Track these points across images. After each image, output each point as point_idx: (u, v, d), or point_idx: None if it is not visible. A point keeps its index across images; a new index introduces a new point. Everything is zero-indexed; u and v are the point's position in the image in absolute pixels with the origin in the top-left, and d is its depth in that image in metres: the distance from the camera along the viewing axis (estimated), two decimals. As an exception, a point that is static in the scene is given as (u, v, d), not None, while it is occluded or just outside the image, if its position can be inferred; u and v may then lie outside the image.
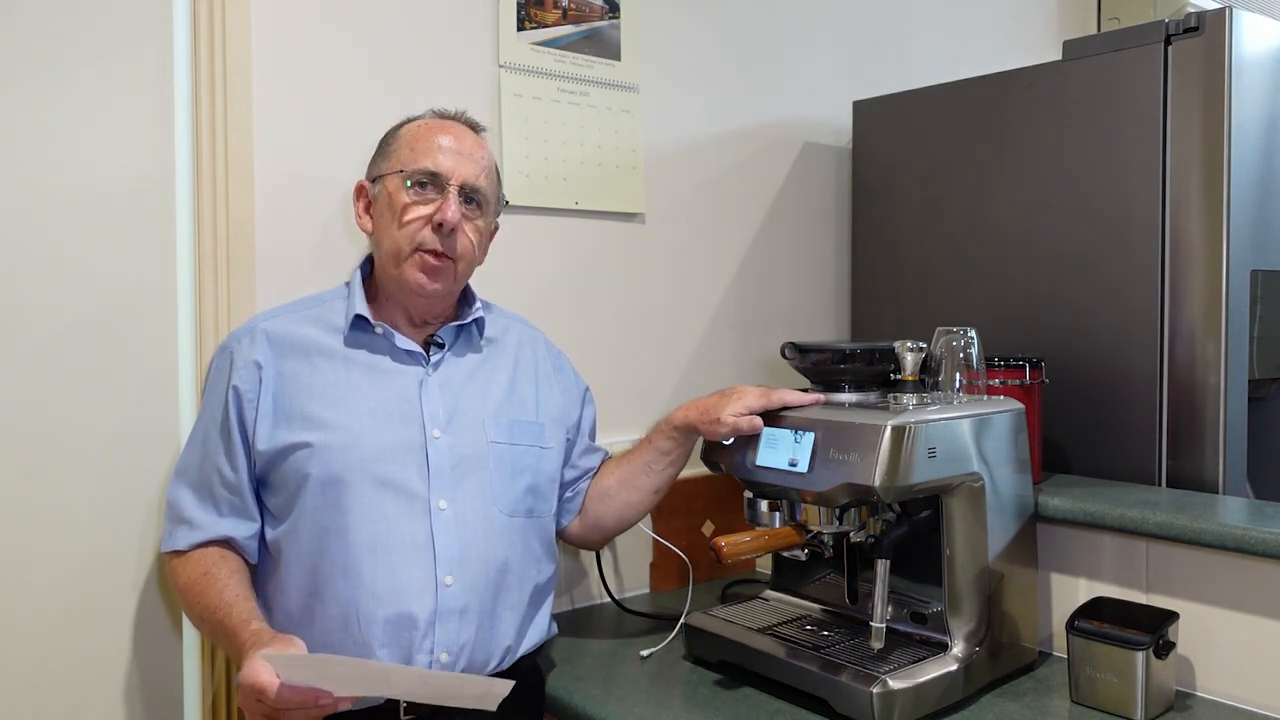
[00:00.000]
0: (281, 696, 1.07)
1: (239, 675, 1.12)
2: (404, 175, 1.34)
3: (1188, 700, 1.38)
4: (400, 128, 1.41)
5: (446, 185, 1.34)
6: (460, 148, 1.37)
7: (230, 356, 1.34)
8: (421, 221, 1.34)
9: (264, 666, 1.09)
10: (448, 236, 1.34)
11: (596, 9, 1.83)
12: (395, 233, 1.35)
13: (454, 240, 1.35)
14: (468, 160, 1.36)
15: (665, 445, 1.52)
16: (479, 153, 1.39)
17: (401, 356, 1.38)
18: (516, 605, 1.37)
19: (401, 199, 1.34)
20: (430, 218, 1.33)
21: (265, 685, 1.07)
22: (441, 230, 1.33)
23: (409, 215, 1.34)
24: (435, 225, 1.33)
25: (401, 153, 1.37)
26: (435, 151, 1.35)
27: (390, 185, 1.36)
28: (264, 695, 1.08)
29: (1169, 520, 1.39)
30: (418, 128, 1.39)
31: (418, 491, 1.31)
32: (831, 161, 2.21)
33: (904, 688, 1.28)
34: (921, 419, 1.30)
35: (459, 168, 1.35)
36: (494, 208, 1.43)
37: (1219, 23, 1.57)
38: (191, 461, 1.34)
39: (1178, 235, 1.62)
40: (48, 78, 1.35)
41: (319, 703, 1.09)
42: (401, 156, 1.37)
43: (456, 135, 1.38)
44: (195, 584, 1.27)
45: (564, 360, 1.59)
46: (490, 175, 1.41)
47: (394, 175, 1.36)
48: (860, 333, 2.16)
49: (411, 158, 1.35)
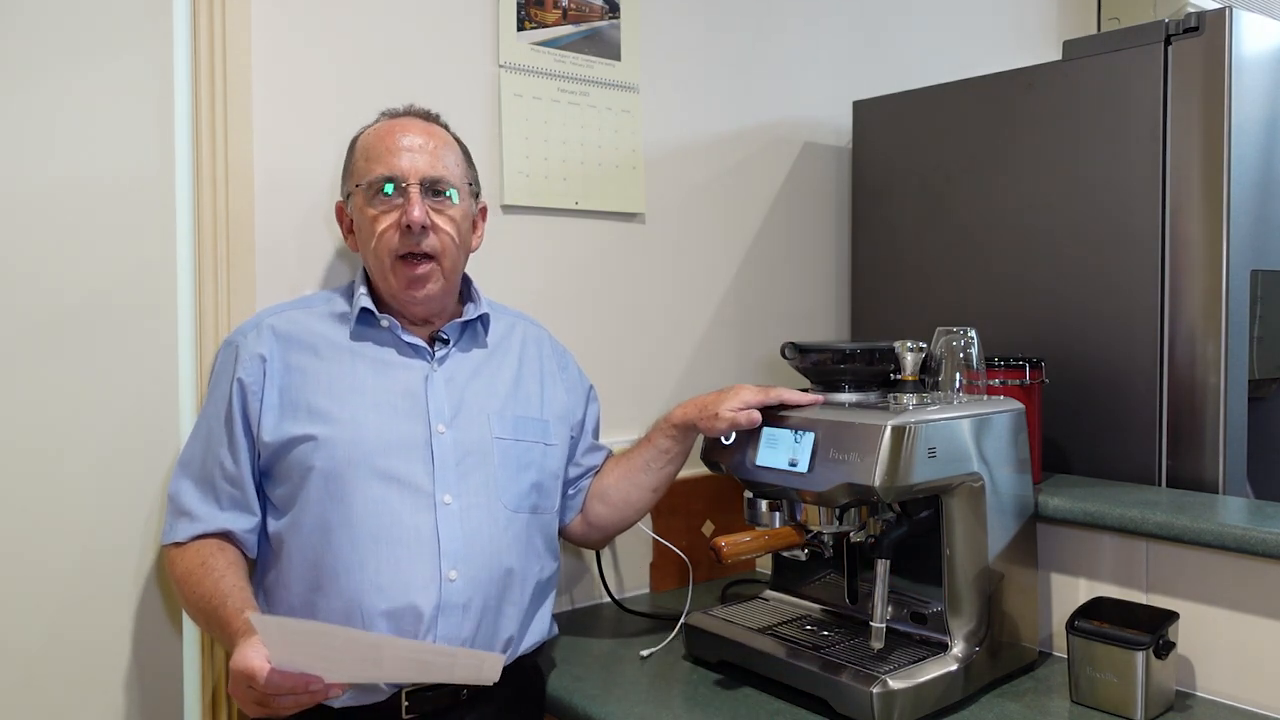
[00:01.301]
0: (272, 681, 1.07)
1: (230, 661, 1.12)
2: (362, 188, 1.35)
3: (1188, 700, 1.38)
4: (355, 140, 1.41)
5: (406, 186, 1.33)
6: (411, 143, 1.35)
7: (235, 350, 1.34)
8: (392, 229, 1.33)
9: (254, 652, 1.08)
10: (421, 236, 1.33)
11: (596, 9, 1.83)
12: (372, 247, 1.35)
13: (428, 238, 1.34)
14: (421, 154, 1.35)
15: (664, 444, 1.52)
16: (432, 143, 1.37)
17: (407, 351, 1.39)
18: (519, 601, 1.37)
19: (368, 212, 1.35)
20: (399, 223, 1.33)
21: (255, 670, 1.07)
22: (412, 232, 1.32)
23: (378, 226, 1.34)
24: (404, 229, 1.32)
25: (358, 165, 1.37)
26: (386, 155, 1.34)
27: (357, 201, 1.37)
28: (254, 680, 1.07)
29: (1169, 520, 1.39)
30: (369, 135, 1.39)
31: (423, 486, 1.31)
32: (831, 161, 2.21)
33: (904, 688, 1.28)
34: (921, 419, 1.30)
35: (414, 164, 1.34)
36: (468, 190, 1.41)
37: (1219, 23, 1.57)
38: (194, 454, 1.34)
39: (1178, 235, 1.62)
40: (48, 76, 1.35)
41: (310, 688, 1.08)
42: (359, 169, 1.37)
43: (406, 130, 1.37)
44: (192, 574, 1.27)
45: (569, 358, 1.59)
46: (450, 160, 1.38)
47: (356, 191, 1.36)
48: (860, 333, 2.16)
49: (367, 168, 1.35)
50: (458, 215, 1.38)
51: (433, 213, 1.34)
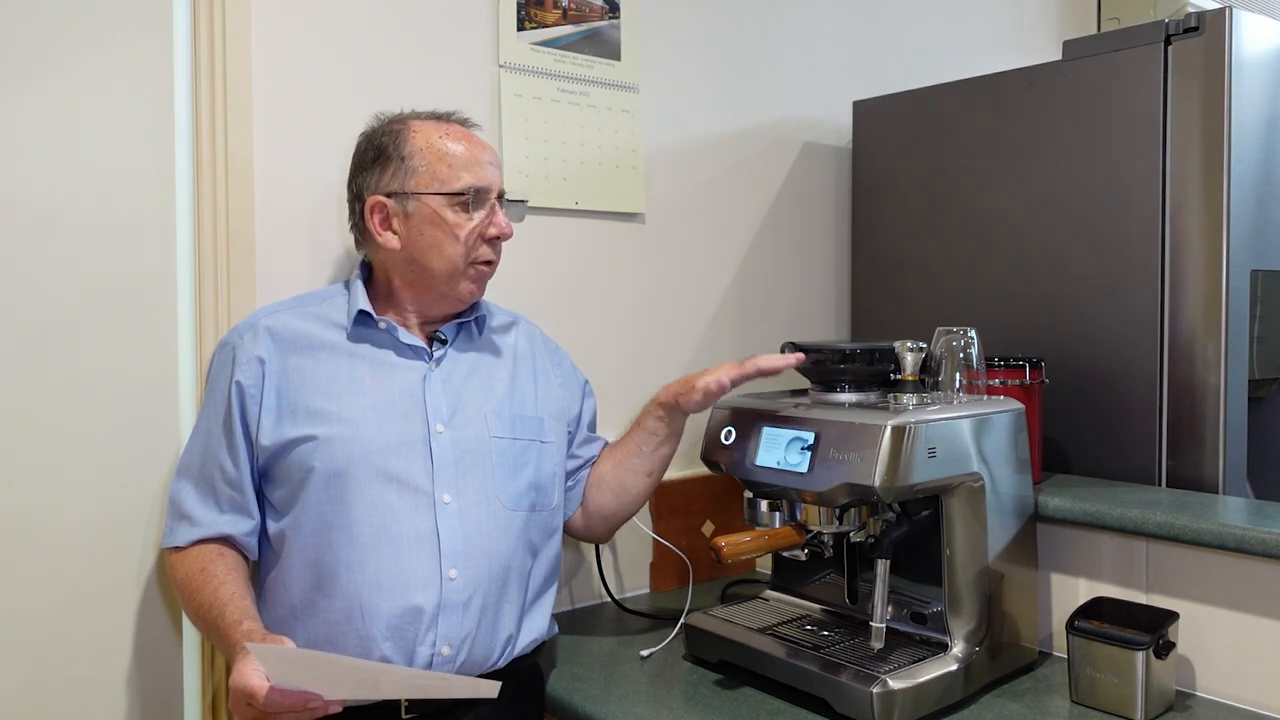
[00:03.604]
0: (271, 700, 1.07)
1: (230, 679, 1.12)
2: (448, 194, 1.36)
3: (1188, 700, 1.38)
4: (407, 135, 1.38)
5: (489, 199, 1.39)
6: (487, 156, 1.41)
7: (233, 352, 1.34)
8: (476, 236, 1.38)
9: (254, 670, 1.09)
10: (497, 245, 1.40)
11: (596, 9, 1.83)
12: (450, 251, 1.37)
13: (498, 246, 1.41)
14: (495, 168, 1.42)
15: (652, 425, 1.52)
16: (495, 156, 1.43)
17: (405, 352, 1.39)
18: (518, 599, 1.37)
19: (452, 218, 1.36)
20: (481, 231, 1.38)
21: (255, 689, 1.07)
22: (498, 242, 1.40)
23: (463, 232, 1.37)
24: (491, 239, 1.39)
25: (436, 169, 1.36)
26: (475, 165, 1.38)
27: (433, 204, 1.36)
28: (254, 699, 1.07)
29: (1169, 520, 1.39)
30: (438, 140, 1.37)
31: (422, 485, 1.31)
32: (831, 161, 2.21)
33: (904, 688, 1.28)
34: (921, 419, 1.30)
35: (494, 177, 1.40)
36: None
37: (1219, 23, 1.57)
38: (194, 457, 1.34)
39: (1178, 235, 1.62)
40: (47, 75, 1.35)
41: (309, 706, 1.09)
42: (438, 173, 1.36)
43: (478, 144, 1.41)
44: (192, 580, 1.28)
45: (562, 354, 1.59)
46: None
47: (434, 196, 1.36)
48: (860, 333, 2.16)
49: (452, 174, 1.36)
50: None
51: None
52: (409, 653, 1.27)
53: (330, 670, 1.12)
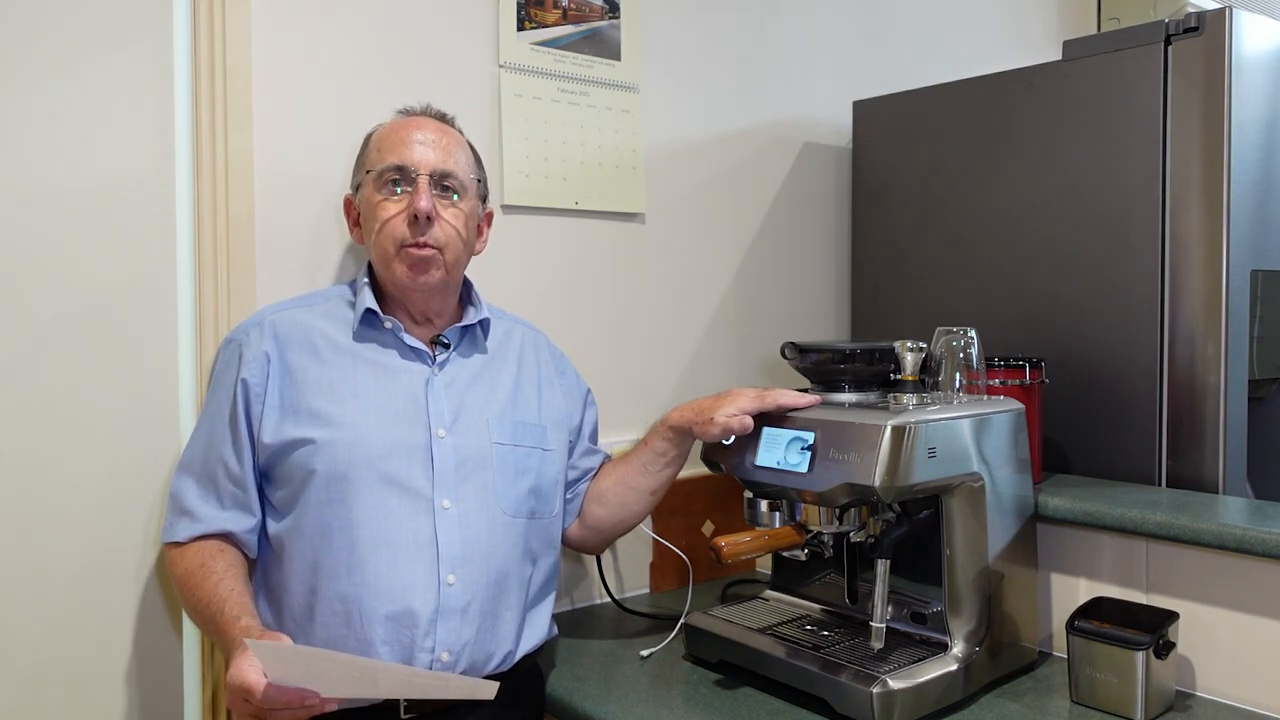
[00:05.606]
0: (268, 696, 1.07)
1: (227, 675, 1.12)
2: (372, 175, 1.36)
3: (1188, 700, 1.38)
4: (370, 134, 1.43)
5: (415, 177, 1.35)
6: (425, 138, 1.38)
7: (239, 349, 1.34)
8: (399, 218, 1.35)
9: (251, 666, 1.08)
10: (426, 227, 1.35)
11: (596, 9, 1.83)
12: (378, 235, 1.36)
13: (433, 229, 1.35)
14: (433, 148, 1.37)
15: (661, 446, 1.52)
16: (445, 140, 1.40)
17: (408, 354, 1.39)
18: (517, 605, 1.37)
19: (375, 199, 1.36)
20: (406, 212, 1.34)
21: (252, 685, 1.07)
22: (418, 222, 1.34)
23: (384, 214, 1.35)
24: (411, 218, 1.34)
25: (370, 155, 1.39)
26: (399, 146, 1.36)
27: (365, 190, 1.38)
28: (251, 695, 1.07)
29: (1169, 520, 1.39)
30: (383, 129, 1.41)
31: (422, 490, 1.31)
32: (831, 161, 2.21)
33: (904, 688, 1.28)
34: (921, 419, 1.30)
35: (425, 156, 1.36)
36: (476, 191, 1.43)
37: (1219, 23, 1.57)
38: (196, 453, 1.34)
39: (1178, 235, 1.62)
40: (47, 75, 1.35)
41: (306, 703, 1.08)
42: (370, 159, 1.39)
43: (420, 126, 1.39)
44: (191, 576, 1.27)
45: (566, 363, 1.59)
46: (462, 160, 1.40)
47: (366, 179, 1.38)
48: (860, 333, 2.16)
49: (379, 158, 1.37)
50: (464, 211, 1.39)
51: (439, 205, 1.36)
52: (407, 658, 1.26)
53: (328, 668, 1.12)
